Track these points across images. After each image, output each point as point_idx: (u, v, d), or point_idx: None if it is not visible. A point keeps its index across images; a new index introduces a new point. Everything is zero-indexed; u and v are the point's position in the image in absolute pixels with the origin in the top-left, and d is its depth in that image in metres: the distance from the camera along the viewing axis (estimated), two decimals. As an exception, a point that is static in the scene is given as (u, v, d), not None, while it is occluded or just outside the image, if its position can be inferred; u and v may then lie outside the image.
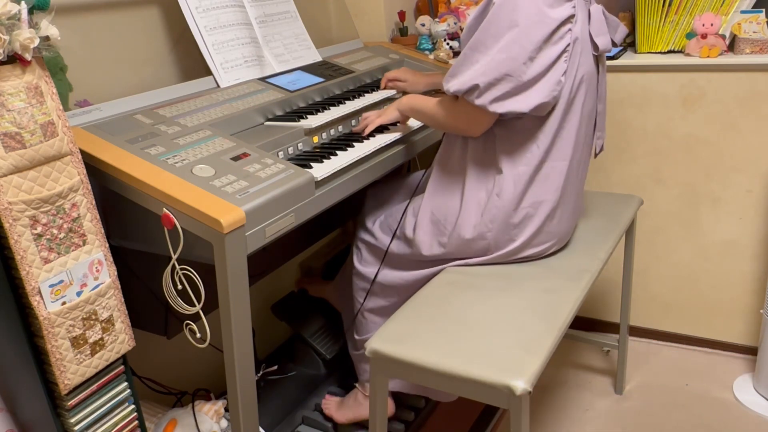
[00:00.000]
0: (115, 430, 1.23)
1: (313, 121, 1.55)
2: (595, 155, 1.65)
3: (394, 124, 1.66)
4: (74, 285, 1.11)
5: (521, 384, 1.15)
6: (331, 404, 1.87)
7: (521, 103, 1.36)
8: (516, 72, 1.33)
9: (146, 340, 1.44)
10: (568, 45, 1.38)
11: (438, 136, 1.75)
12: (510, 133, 1.44)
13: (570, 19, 1.38)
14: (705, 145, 2.09)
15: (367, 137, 1.59)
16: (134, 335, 1.24)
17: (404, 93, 1.85)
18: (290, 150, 1.46)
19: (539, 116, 1.41)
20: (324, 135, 1.58)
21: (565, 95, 1.41)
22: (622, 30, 1.55)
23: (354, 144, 1.54)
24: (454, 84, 1.39)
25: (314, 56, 1.93)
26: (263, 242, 1.21)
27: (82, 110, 1.34)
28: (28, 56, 1.04)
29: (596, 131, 1.59)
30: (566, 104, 1.42)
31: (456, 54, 2.29)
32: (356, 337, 1.77)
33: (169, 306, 1.22)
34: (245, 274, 1.18)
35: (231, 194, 1.18)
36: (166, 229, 1.16)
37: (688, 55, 2.03)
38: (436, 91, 1.85)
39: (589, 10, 1.45)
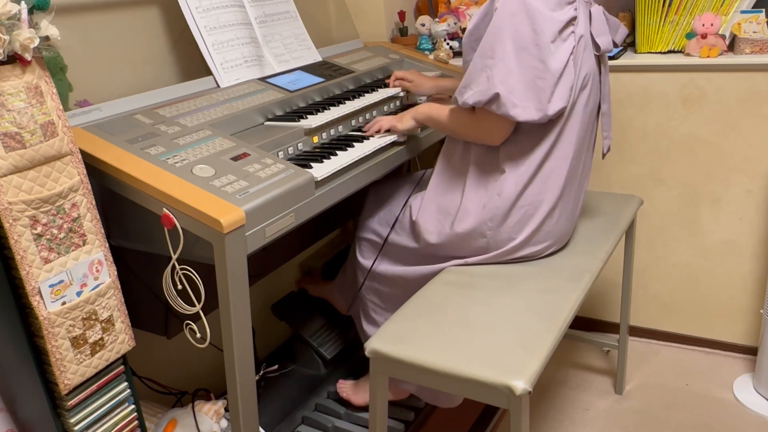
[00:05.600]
0: (115, 430, 1.23)
1: (313, 121, 1.55)
2: (603, 156, 1.65)
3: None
4: (74, 285, 1.10)
5: (521, 384, 1.15)
6: (346, 386, 1.88)
7: (542, 110, 1.36)
8: (533, 78, 1.33)
9: (146, 340, 1.44)
10: (574, 47, 1.38)
11: (438, 135, 1.75)
12: (514, 134, 1.44)
13: (572, 21, 1.38)
14: (705, 145, 2.09)
15: (367, 137, 1.59)
16: (134, 335, 1.24)
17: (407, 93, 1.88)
18: (290, 150, 1.46)
19: None
20: (324, 135, 1.58)
21: None
22: (622, 30, 1.56)
23: (354, 144, 1.54)
24: (471, 95, 1.38)
25: (314, 56, 1.93)
26: (263, 242, 1.21)
27: (82, 110, 1.34)
28: (28, 56, 1.04)
29: (603, 131, 1.60)
30: (569, 105, 1.42)
31: (456, 54, 2.29)
32: (364, 324, 1.78)
33: (169, 306, 1.22)
34: (245, 274, 1.18)
35: (231, 194, 1.18)
36: (166, 229, 1.16)
37: (688, 55, 2.03)
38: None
39: (590, 12, 1.45)
